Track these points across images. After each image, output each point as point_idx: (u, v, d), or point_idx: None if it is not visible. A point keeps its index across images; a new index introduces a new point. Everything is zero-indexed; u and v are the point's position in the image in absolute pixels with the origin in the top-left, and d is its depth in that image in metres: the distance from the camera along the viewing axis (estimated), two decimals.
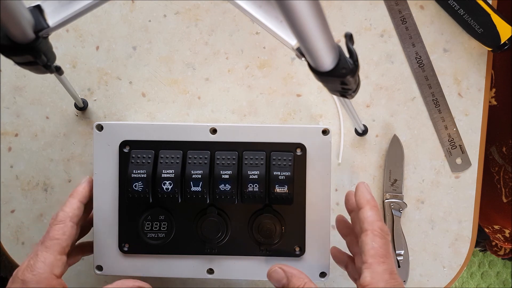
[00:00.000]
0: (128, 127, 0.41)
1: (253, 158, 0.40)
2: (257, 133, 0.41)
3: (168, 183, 0.39)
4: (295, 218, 0.41)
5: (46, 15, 0.30)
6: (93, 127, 0.41)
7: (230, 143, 0.41)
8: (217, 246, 0.41)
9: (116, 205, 0.41)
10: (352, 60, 0.29)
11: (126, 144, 0.41)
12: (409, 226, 0.48)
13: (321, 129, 0.41)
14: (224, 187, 0.39)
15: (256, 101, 0.48)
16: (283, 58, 0.48)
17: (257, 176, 0.39)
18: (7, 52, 0.30)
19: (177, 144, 0.41)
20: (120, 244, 0.41)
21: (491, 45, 0.46)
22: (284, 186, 0.39)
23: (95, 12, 0.46)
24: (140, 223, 0.41)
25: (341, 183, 0.48)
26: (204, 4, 0.48)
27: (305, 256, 0.41)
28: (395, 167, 0.48)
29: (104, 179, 0.41)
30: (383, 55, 0.48)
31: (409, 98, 0.48)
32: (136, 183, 0.39)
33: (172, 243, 0.41)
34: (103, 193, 0.41)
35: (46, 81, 0.48)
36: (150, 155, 0.40)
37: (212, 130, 0.41)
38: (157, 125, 0.41)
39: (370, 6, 0.48)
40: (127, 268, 0.42)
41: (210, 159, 0.40)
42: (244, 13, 0.31)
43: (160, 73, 0.48)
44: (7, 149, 0.48)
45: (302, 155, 0.41)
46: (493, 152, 0.61)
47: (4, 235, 0.48)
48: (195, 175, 0.39)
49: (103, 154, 0.41)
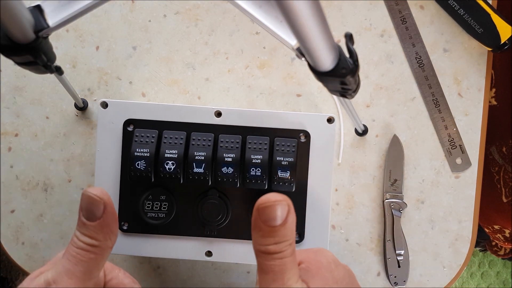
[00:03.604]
0: (132, 106, 0.41)
1: (257, 142, 0.40)
2: (261, 118, 0.41)
3: (171, 163, 0.39)
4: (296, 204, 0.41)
5: (46, 15, 0.30)
6: (98, 104, 0.41)
7: (234, 127, 0.41)
8: (217, 229, 0.41)
9: (117, 183, 0.41)
10: (352, 60, 0.29)
11: (130, 123, 0.41)
12: (409, 226, 0.48)
13: (326, 117, 0.41)
14: (227, 170, 0.39)
15: (256, 101, 0.48)
16: (283, 58, 0.48)
17: (260, 161, 0.39)
18: (7, 52, 0.30)
19: (181, 125, 0.41)
20: (120, 222, 0.41)
21: (491, 45, 0.46)
22: (286, 171, 0.39)
23: (95, 12, 0.46)
24: (141, 203, 0.41)
25: (341, 183, 0.48)
26: (204, 4, 0.48)
27: (304, 243, 0.41)
28: (395, 167, 0.48)
29: (106, 157, 0.41)
30: (383, 55, 0.48)
31: (409, 98, 0.48)
32: (138, 162, 0.39)
33: (172, 224, 0.41)
34: (105, 170, 0.41)
35: (46, 81, 0.48)
36: (154, 135, 0.40)
37: (217, 113, 0.41)
38: (161, 105, 0.41)
39: (370, 6, 0.48)
40: (125, 247, 0.42)
41: (214, 142, 0.40)
42: (244, 13, 0.31)
43: (160, 73, 0.48)
44: (7, 149, 0.48)
45: (306, 142, 0.41)
46: (493, 152, 0.61)
47: (4, 235, 0.48)
48: (198, 157, 0.39)
49: (107, 132, 0.41)
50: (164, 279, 0.48)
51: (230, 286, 0.49)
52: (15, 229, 0.48)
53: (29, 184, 0.48)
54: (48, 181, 0.48)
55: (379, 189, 0.48)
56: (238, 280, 0.49)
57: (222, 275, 0.49)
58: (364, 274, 0.48)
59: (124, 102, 0.41)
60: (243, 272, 0.49)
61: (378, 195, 0.48)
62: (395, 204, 0.47)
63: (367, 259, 0.48)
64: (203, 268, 0.49)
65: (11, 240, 0.48)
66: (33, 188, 0.48)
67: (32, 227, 0.48)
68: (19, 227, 0.48)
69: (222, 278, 0.49)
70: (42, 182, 0.48)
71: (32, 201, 0.48)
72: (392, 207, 0.47)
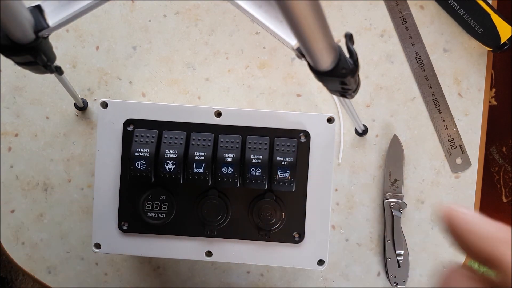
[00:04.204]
0: (132, 106, 0.41)
1: (257, 142, 0.40)
2: (261, 118, 0.41)
3: (171, 163, 0.39)
4: (296, 204, 0.41)
5: (46, 15, 0.30)
6: (98, 104, 0.41)
7: (234, 127, 0.41)
8: (217, 229, 0.41)
9: (117, 183, 0.41)
10: (352, 60, 0.29)
11: (130, 123, 0.41)
12: (409, 226, 0.48)
13: (326, 117, 0.41)
14: (227, 170, 0.39)
15: (256, 101, 0.48)
16: (283, 58, 0.48)
17: (260, 161, 0.39)
18: (7, 52, 0.30)
19: (181, 125, 0.41)
20: (120, 222, 0.41)
21: (491, 45, 0.46)
22: (286, 171, 0.39)
23: (95, 12, 0.46)
24: (141, 203, 0.41)
25: (341, 183, 0.48)
26: (204, 4, 0.48)
27: (303, 243, 0.41)
28: (395, 167, 0.48)
29: (106, 157, 0.41)
30: (383, 55, 0.48)
31: (409, 98, 0.48)
32: (138, 162, 0.39)
33: (172, 224, 0.41)
34: (105, 170, 0.41)
35: (46, 81, 0.48)
36: (154, 135, 0.40)
37: (217, 113, 0.41)
38: (162, 105, 0.41)
39: (370, 6, 0.48)
40: (125, 247, 0.42)
41: (214, 142, 0.40)
42: (244, 13, 0.31)
43: (160, 73, 0.48)
44: (7, 149, 0.48)
45: (306, 142, 0.41)
46: (493, 152, 0.61)
47: (4, 235, 0.48)
48: (198, 157, 0.39)
49: (107, 132, 0.41)
50: (164, 279, 0.48)
51: (230, 286, 0.49)
52: (15, 229, 0.48)
53: (29, 184, 0.48)
54: (48, 181, 0.48)
55: (379, 189, 0.48)
56: (238, 280, 0.49)
57: (222, 275, 0.49)
58: (364, 274, 0.48)
59: (124, 102, 0.41)
60: (243, 272, 0.49)
61: (378, 195, 0.48)
62: (395, 204, 0.47)
63: (367, 259, 0.48)
64: (203, 268, 0.49)
65: (11, 240, 0.48)
66: (33, 188, 0.48)
67: (32, 227, 0.48)
68: (19, 227, 0.48)
69: (222, 278, 0.49)
70: (42, 182, 0.48)
71: (32, 201, 0.48)
72: (392, 207, 0.47)
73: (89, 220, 0.48)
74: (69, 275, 0.48)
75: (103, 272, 0.49)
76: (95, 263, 0.48)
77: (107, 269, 0.49)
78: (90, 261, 0.48)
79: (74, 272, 0.48)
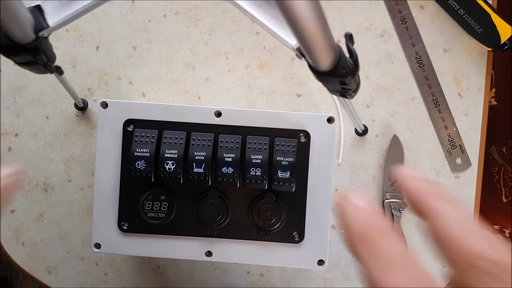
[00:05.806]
0: (132, 106, 0.41)
1: (257, 142, 0.40)
2: (261, 118, 0.41)
3: (171, 163, 0.39)
4: (296, 204, 0.41)
5: (46, 15, 0.30)
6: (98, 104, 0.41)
7: (234, 127, 0.41)
8: (217, 229, 0.41)
9: (117, 183, 0.41)
10: (352, 60, 0.29)
11: (130, 123, 0.41)
12: (409, 226, 0.48)
13: (326, 117, 0.41)
14: (227, 170, 0.39)
15: (256, 101, 0.48)
16: (283, 58, 0.48)
17: (260, 161, 0.39)
18: (7, 52, 0.30)
19: (181, 125, 0.41)
20: (120, 222, 0.41)
21: (491, 45, 0.46)
22: (286, 171, 0.39)
23: (95, 12, 0.46)
24: (141, 203, 0.41)
25: (341, 183, 0.48)
26: (204, 4, 0.48)
27: (303, 243, 0.41)
28: (395, 167, 0.48)
29: (106, 157, 0.41)
30: (383, 55, 0.48)
31: (409, 98, 0.48)
32: (138, 162, 0.39)
33: (172, 224, 0.41)
34: (105, 170, 0.41)
35: (46, 81, 0.48)
36: (154, 135, 0.40)
37: (216, 113, 0.41)
38: (161, 105, 0.41)
39: (370, 6, 0.48)
40: (125, 247, 0.42)
41: (214, 142, 0.40)
42: (244, 13, 0.31)
43: (160, 73, 0.48)
44: (7, 149, 0.48)
45: (306, 142, 0.41)
46: (493, 152, 0.61)
47: (4, 235, 0.48)
48: (198, 157, 0.39)
49: (107, 132, 0.41)
50: (164, 279, 0.48)
51: (230, 286, 0.49)
52: (15, 229, 0.48)
53: (29, 184, 0.48)
54: (48, 181, 0.48)
55: (379, 189, 0.48)
56: (238, 280, 0.49)
57: (222, 275, 0.49)
58: None
59: (124, 102, 0.41)
60: (243, 272, 0.49)
61: (378, 195, 0.48)
62: (395, 204, 0.47)
63: None
64: (203, 268, 0.49)
65: (11, 240, 0.48)
66: (33, 188, 0.48)
67: (32, 227, 0.48)
68: (19, 227, 0.48)
69: (222, 278, 0.49)
70: (42, 182, 0.48)
71: (32, 201, 0.48)
72: (392, 207, 0.47)
73: (89, 220, 0.48)
74: (69, 275, 0.48)
75: (103, 272, 0.49)
76: (95, 263, 0.48)
77: (107, 269, 0.49)
78: (90, 261, 0.48)
79: (74, 272, 0.48)
